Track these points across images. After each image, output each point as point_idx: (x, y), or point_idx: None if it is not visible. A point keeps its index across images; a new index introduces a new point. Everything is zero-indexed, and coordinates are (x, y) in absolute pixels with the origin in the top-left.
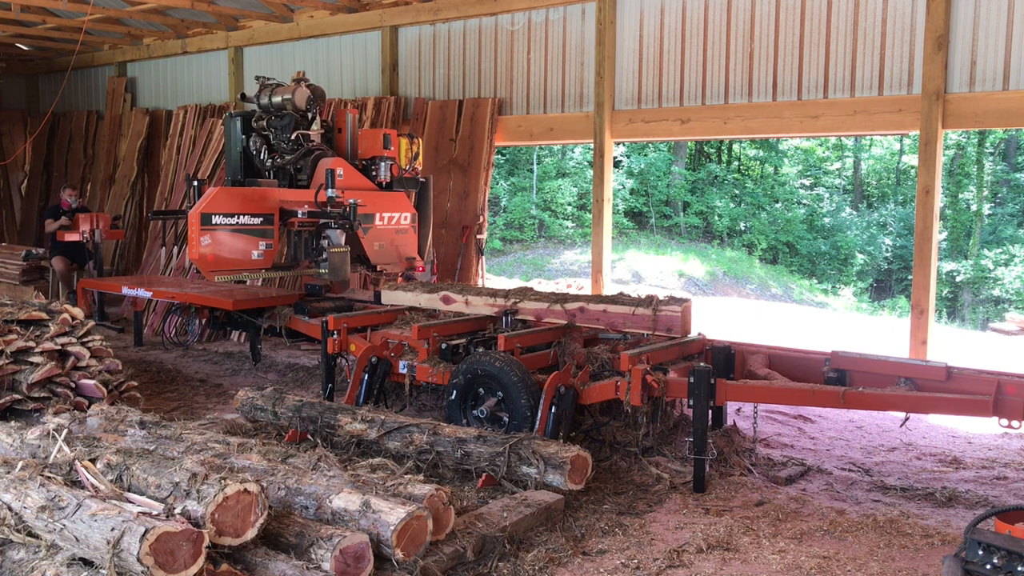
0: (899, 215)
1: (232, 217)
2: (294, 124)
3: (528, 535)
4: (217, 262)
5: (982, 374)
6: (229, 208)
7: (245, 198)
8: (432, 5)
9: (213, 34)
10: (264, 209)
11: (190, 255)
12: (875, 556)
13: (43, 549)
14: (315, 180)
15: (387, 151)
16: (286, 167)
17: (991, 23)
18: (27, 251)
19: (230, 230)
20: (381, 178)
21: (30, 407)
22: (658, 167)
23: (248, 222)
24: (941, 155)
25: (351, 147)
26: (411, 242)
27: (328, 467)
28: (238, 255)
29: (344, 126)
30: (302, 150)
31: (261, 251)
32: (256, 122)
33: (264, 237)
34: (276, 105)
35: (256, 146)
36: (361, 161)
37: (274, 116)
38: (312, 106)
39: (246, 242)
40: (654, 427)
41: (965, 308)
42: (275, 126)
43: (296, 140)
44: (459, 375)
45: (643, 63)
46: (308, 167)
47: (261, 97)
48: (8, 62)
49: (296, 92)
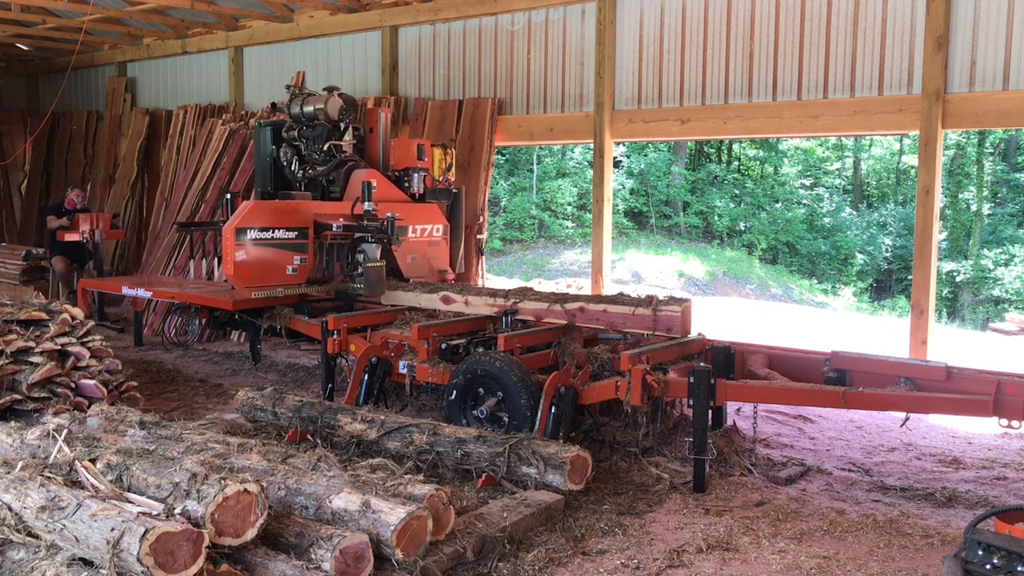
0: (899, 215)
1: (267, 231)
2: (326, 134)
3: (528, 535)
4: (252, 277)
5: (982, 374)
6: (263, 222)
7: (279, 211)
8: (432, 5)
9: (213, 34)
10: (298, 223)
11: (224, 270)
12: (875, 556)
13: (43, 549)
14: (348, 192)
15: (421, 162)
16: (318, 179)
17: (991, 23)
18: (27, 251)
19: (264, 244)
20: (414, 190)
21: (30, 407)
22: (658, 167)
23: (283, 236)
24: (941, 155)
25: (383, 152)
26: (443, 254)
27: (328, 467)
28: (273, 270)
29: (376, 126)
30: (335, 161)
31: (296, 266)
32: (287, 132)
33: (298, 251)
34: (308, 115)
35: (287, 157)
36: (394, 172)
37: (305, 126)
38: (344, 116)
39: (281, 256)
40: (654, 427)
41: (965, 308)
42: (307, 136)
43: (328, 151)
44: (459, 375)
45: (643, 63)
46: (341, 179)
47: (292, 106)
48: (8, 62)
49: (329, 101)
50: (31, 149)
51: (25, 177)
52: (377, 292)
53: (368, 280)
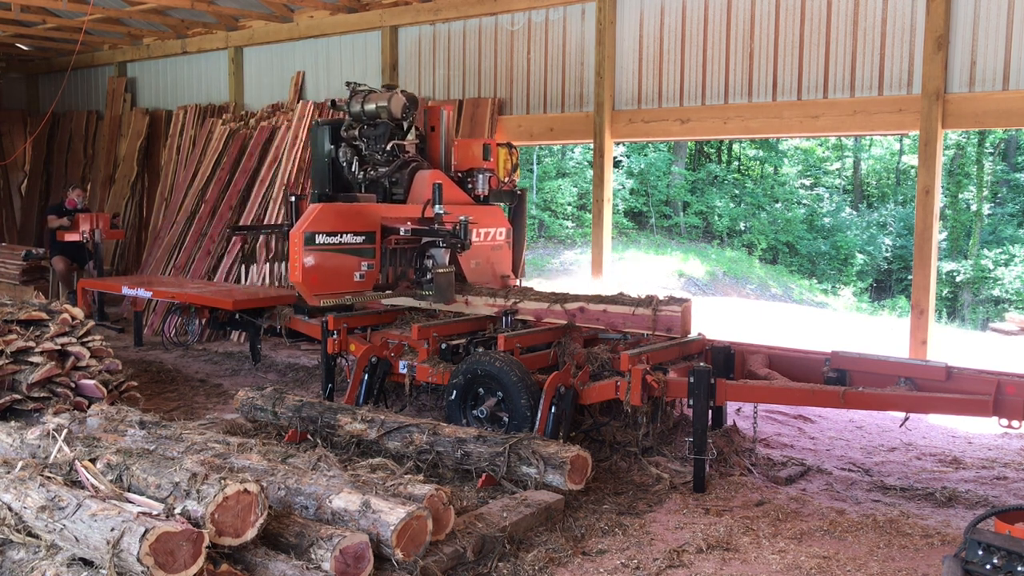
0: (899, 215)
1: (335, 236)
2: (389, 133)
3: (528, 535)
4: (320, 284)
5: (982, 374)
6: (331, 226)
7: (347, 215)
8: (432, 5)
9: (213, 34)
10: (366, 227)
11: (292, 277)
12: (875, 556)
13: (43, 549)
14: (412, 194)
15: (486, 162)
16: (380, 180)
17: (991, 23)
18: (27, 251)
19: (332, 250)
20: (478, 191)
21: (30, 407)
22: (658, 167)
23: (350, 241)
24: (941, 155)
25: (445, 152)
26: (506, 259)
27: (328, 467)
28: (341, 276)
29: (438, 124)
30: (398, 162)
31: (363, 272)
32: (346, 131)
33: (366, 257)
34: (370, 113)
35: (346, 157)
36: (457, 172)
37: (366, 125)
38: (408, 114)
39: (348, 262)
40: (654, 427)
41: (965, 308)
42: (368, 136)
43: (391, 151)
44: (459, 375)
45: (643, 63)
46: (405, 180)
47: (353, 104)
48: (8, 62)
49: (392, 99)
50: (31, 149)
51: (25, 177)
52: (447, 300)
53: (438, 287)
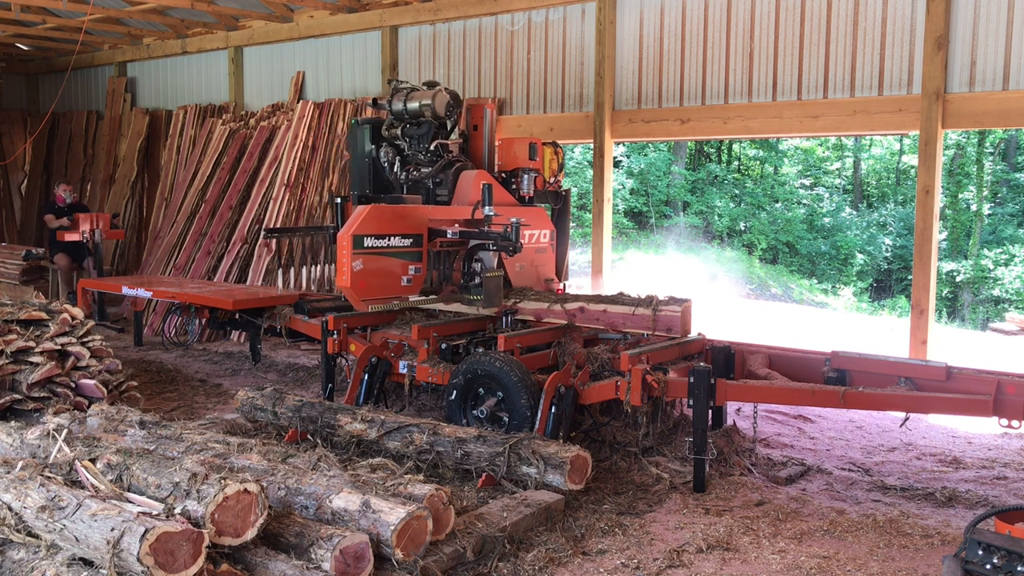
0: (899, 215)
1: (383, 239)
2: (433, 132)
3: (528, 535)
4: (369, 289)
5: (982, 374)
6: (380, 229)
7: (396, 217)
8: (432, 5)
9: (213, 34)
10: (413, 229)
11: (339, 282)
12: (875, 556)
13: (43, 549)
14: (457, 195)
15: (532, 162)
16: (422, 181)
17: (991, 23)
18: (27, 251)
19: (380, 253)
20: (524, 192)
21: (30, 407)
22: (658, 167)
23: (398, 244)
24: (941, 155)
25: (488, 151)
26: (550, 262)
27: (328, 467)
28: (389, 281)
29: (481, 123)
30: (442, 162)
31: (411, 276)
32: (388, 130)
33: (413, 260)
34: (412, 111)
35: (388, 157)
36: (501, 172)
37: (409, 124)
38: (452, 112)
39: (396, 266)
40: (654, 427)
41: (965, 308)
42: (410, 135)
43: (435, 151)
44: (459, 375)
45: (643, 63)
46: (449, 181)
47: (395, 102)
48: (8, 62)
49: (436, 97)
50: (31, 149)
51: (25, 177)
52: (496, 304)
53: (487, 291)
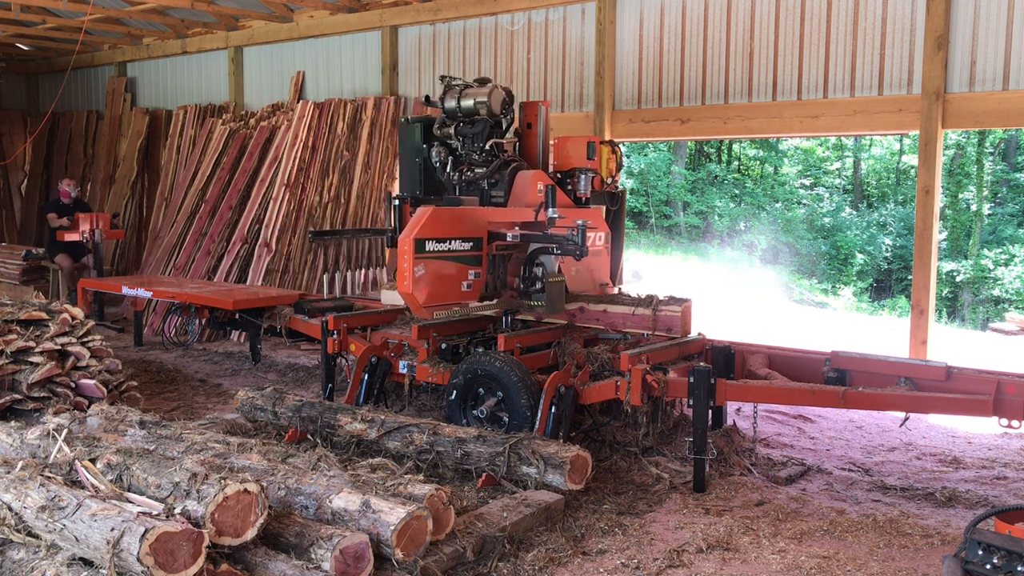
0: (899, 215)
1: (444, 243)
2: (488, 131)
3: (528, 535)
4: (430, 296)
5: (982, 374)
6: (441, 232)
7: (456, 220)
8: (432, 5)
9: (213, 34)
10: (473, 232)
11: (400, 288)
12: (875, 556)
13: (43, 549)
14: (513, 196)
15: (590, 162)
16: (476, 181)
17: (991, 23)
18: (27, 251)
19: (441, 257)
20: (580, 193)
21: (30, 407)
22: (658, 167)
23: (459, 248)
24: (941, 155)
25: (543, 150)
26: (605, 265)
27: (328, 467)
28: (449, 286)
29: (535, 121)
30: (497, 161)
31: (470, 281)
32: (440, 129)
33: (473, 265)
34: (467, 109)
35: (440, 157)
36: (556, 172)
37: (462, 122)
38: (507, 110)
39: (457, 271)
40: (654, 427)
41: (965, 308)
42: (464, 134)
43: (491, 150)
44: (459, 375)
45: (643, 63)
46: (505, 181)
47: (447, 100)
48: (8, 62)
49: (492, 93)
50: (31, 149)
51: (25, 177)
52: (558, 310)
53: (550, 297)
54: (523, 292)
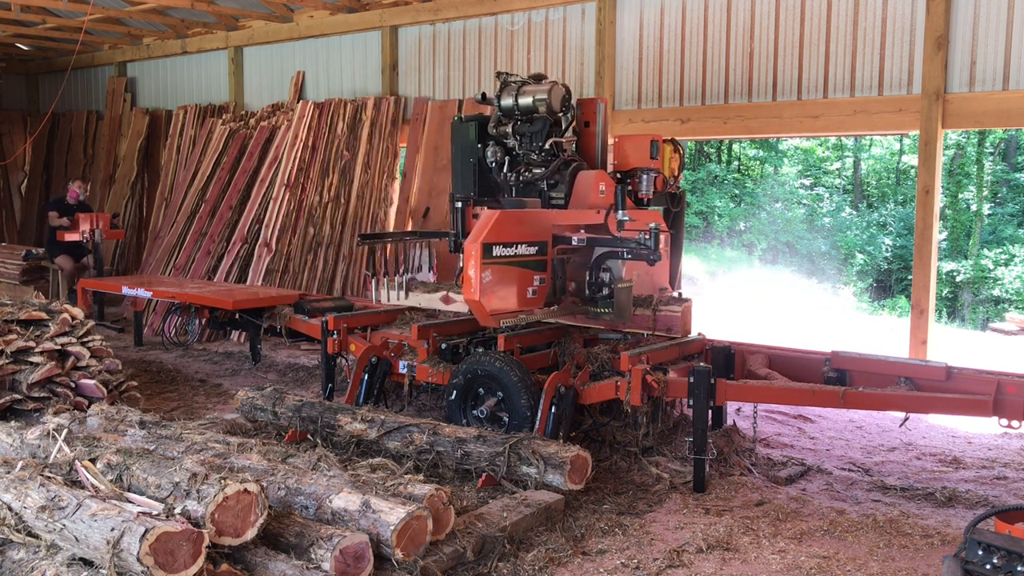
0: (899, 215)
1: (510, 247)
2: (547, 130)
3: (528, 535)
4: (498, 302)
5: (982, 374)
6: (507, 236)
7: (522, 223)
8: (432, 5)
9: (213, 34)
10: (538, 236)
11: (466, 295)
12: (875, 556)
13: (43, 549)
14: (574, 198)
15: (653, 161)
16: (535, 182)
17: (991, 23)
18: (27, 251)
19: (508, 263)
20: (642, 193)
21: (30, 407)
22: None
23: (525, 252)
24: (941, 155)
25: (601, 150)
26: (664, 269)
27: (328, 467)
28: (515, 293)
29: (593, 119)
30: (558, 161)
31: (535, 287)
32: (496, 128)
33: (538, 270)
34: (524, 107)
35: (495, 157)
36: (616, 173)
37: (520, 120)
38: (567, 107)
39: (522, 277)
40: (654, 427)
41: (965, 308)
42: (522, 132)
43: (550, 149)
44: (459, 375)
45: (643, 63)
46: (566, 182)
47: (504, 97)
48: (8, 62)
49: (552, 90)
50: (31, 149)
51: (25, 177)
52: (627, 318)
53: (619, 304)
54: (588, 299)
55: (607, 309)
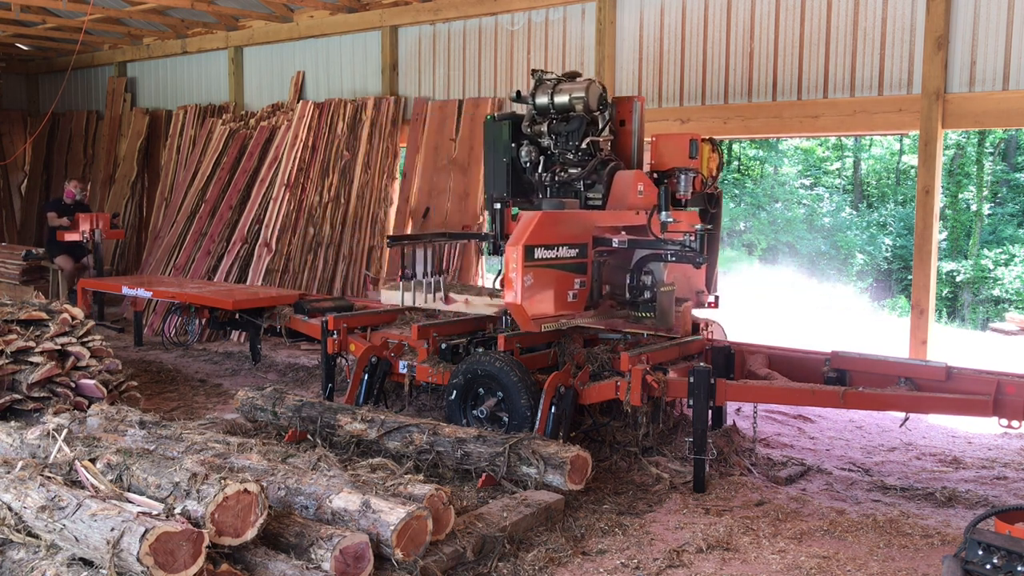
0: (899, 215)
1: (552, 249)
2: (584, 129)
3: (528, 535)
4: (539, 307)
5: (982, 374)
6: (549, 238)
7: (564, 224)
8: (432, 5)
9: (213, 34)
10: (579, 238)
11: (507, 300)
12: (875, 556)
13: (43, 549)
14: (612, 199)
15: (692, 161)
16: (571, 182)
17: (991, 23)
18: (27, 251)
19: (549, 266)
20: (681, 194)
21: (30, 407)
22: None
23: (565, 255)
24: (941, 155)
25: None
26: (701, 272)
27: (328, 467)
28: (557, 297)
29: (629, 118)
30: (595, 161)
31: (576, 291)
32: (531, 127)
33: (579, 273)
34: (560, 106)
35: (530, 156)
36: (654, 172)
37: (555, 119)
38: (604, 106)
39: (563, 280)
40: (654, 427)
41: (965, 308)
42: (558, 131)
43: (587, 149)
44: (459, 375)
45: (643, 63)
46: (604, 182)
47: (539, 95)
48: (8, 62)
49: (589, 88)
50: (31, 149)
51: (25, 177)
52: (669, 323)
53: (661, 308)
54: (628, 302)
55: (648, 313)
